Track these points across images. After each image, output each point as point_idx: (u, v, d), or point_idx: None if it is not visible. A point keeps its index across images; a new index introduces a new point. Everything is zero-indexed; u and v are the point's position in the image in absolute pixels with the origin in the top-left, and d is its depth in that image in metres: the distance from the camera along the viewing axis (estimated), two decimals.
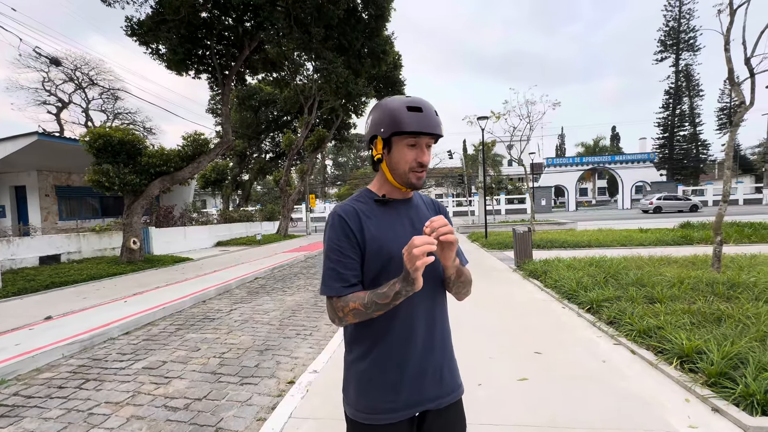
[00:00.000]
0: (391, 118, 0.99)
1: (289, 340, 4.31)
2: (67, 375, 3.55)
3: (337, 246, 1.00)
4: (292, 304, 5.96)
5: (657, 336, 3.36)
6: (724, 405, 2.39)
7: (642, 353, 3.24)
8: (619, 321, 3.87)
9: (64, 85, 27.68)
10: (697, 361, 2.84)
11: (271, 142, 25.42)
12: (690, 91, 44.02)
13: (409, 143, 1.01)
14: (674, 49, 43.64)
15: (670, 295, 4.35)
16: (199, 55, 10.82)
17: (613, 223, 18.41)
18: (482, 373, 3.09)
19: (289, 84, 16.07)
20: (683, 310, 3.83)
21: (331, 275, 0.99)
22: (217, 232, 16.51)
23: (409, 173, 1.02)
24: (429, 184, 58.29)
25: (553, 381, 2.90)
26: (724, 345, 2.89)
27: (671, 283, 4.79)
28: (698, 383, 2.66)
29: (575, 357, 3.34)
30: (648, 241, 10.01)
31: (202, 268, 9.37)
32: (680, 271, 5.43)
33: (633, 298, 4.37)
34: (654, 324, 3.53)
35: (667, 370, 2.91)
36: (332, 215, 1.04)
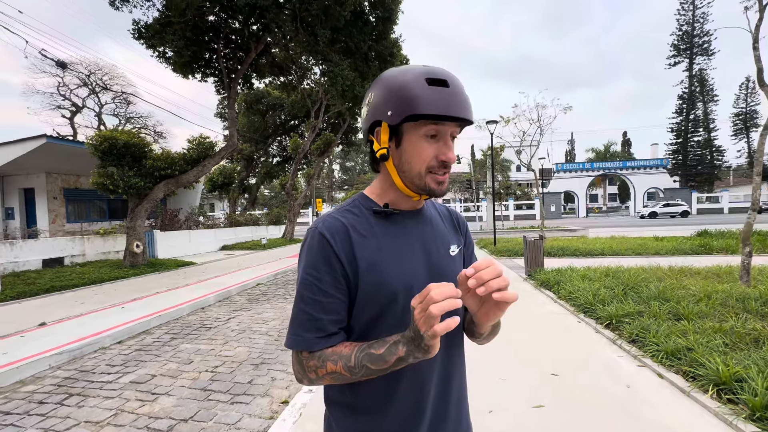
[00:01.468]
0: (403, 95, 0.67)
1: (286, 353, 4.06)
2: (51, 388, 3.35)
3: (314, 278, 0.70)
4: None
5: (687, 359, 3.05)
6: None
7: (671, 378, 2.93)
8: (642, 339, 3.56)
9: (78, 90, 28.18)
10: (737, 391, 2.53)
11: (278, 146, 25.45)
12: (704, 95, 43.11)
13: (428, 132, 0.70)
14: (688, 53, 42.87)
15: (698, 311, 4.01)
16: (205, 58, 10.77)
17: (625, 230, 17.90)
18: (493, 397, 2.81)
19: (297, 88, 16.02)
20: (714, 329, 3.50)
21: (303, 321, 0.70)
22: (222, 235, 16.44)
23: (426, 175, 0.72)
24: None
25: (573, 408, 2.61)
26: (766, 372, 2.57)
27: (697, 298, 4.45)
28: (740, 417, 2.35)
29: (596, 380, 3.03)
30: (665, 250, 9.58)
31: (204, 273, 9.21)
32: (705, 284, 5.07)
33: (656, 314, 4.04)
34: (683, 344, 3.21)
35: (701, 399, 2.60)
36: (311, 232, 0.73)
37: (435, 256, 0.79)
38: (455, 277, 0.78)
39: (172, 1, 8.16)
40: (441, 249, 0.81)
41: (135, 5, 9.11)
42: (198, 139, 11.09)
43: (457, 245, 0.85)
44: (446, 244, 0.83)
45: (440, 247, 0.81)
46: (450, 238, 0.85)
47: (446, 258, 0.81)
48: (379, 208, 0.77)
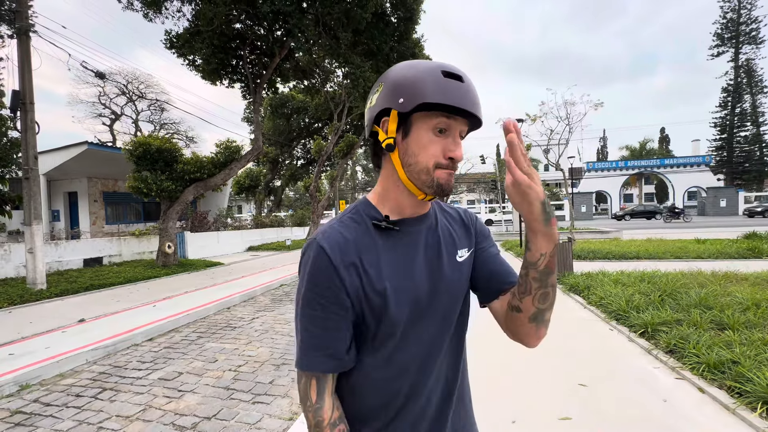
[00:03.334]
0: (418, 82, 0.64)
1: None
2: (87, 382, 3.54)
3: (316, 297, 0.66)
4: None
5: (732, 372, 2.80)
6: None
7: (713, 393, 2.71)
8: (681, 350, 3.32)
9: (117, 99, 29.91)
10: None
11: (303, 148, 25.93)
12: (752, 87, 40.12)
13: (438, 126, 0.67)
14: (733, 42, 40.06)
15: (745, 321, 3.70)
16: (232, 64, 11.13)
17: (663, 232, 16.92)
18: (517, 406, 2.70)
19: (320, 91, 16.25)
20: (764, 341, 3.21)
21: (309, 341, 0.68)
22: (249, 237, 16.91)
23: (434, 170, 0.67)
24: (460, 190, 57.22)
25: (603, 423, 2.46)
26: None
27: (744, 306, 4.11)
28: None
29: (629, 392, 2.85)
30: (707, 254, 8.97)
31: (231, 273, 9.49)
32: (754, 291, 4.68)
33: (697, 323, 3.76)
34: (727, 357, 2.96)
35: (749, 417, 2.38)
36: (311, 249, 0.68)
37: (439, 265, 0.75)
38: (460, 286, 0.78)
39: (201, 11, 8.48)
40: (446, 256, 0.77)
41: (167, 17, 9.54)
42: (225, 143, 11.47)
43: (468, 249, 0.81)
44: (453, 250, 0.79)
45: (445, 254, 0.77)
46: (459, 242, 0.80)
47: (451, 265, 0.77)
48: (379, 222, 0.72)
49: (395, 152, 0.70)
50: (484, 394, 2.80)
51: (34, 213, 7.34)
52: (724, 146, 41.27)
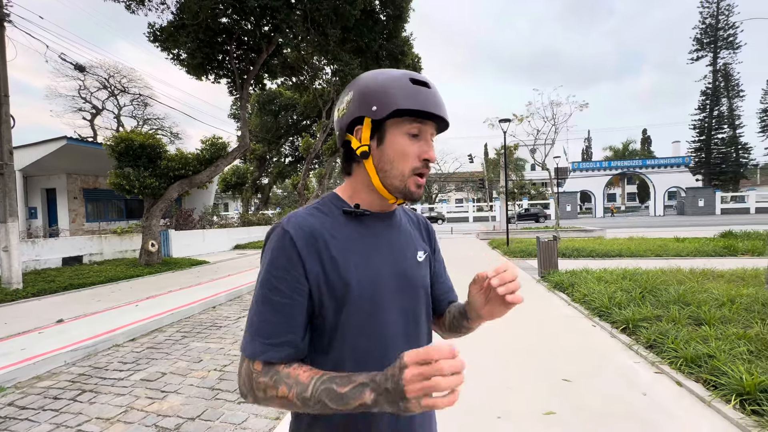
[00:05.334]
0: (389, 90, 0.67)
1: None
2: (66, 384, 3.43)
3: (277, 281, 0.65)
4: None
5: (708, 366, 2.90)
6: None
7: (690, 386, 2.80)
8: (660, 345, 3.42)
9: (99, 93, 29.03)
10: (762, 401, 2.39)
11: (291, 146, 25.67)
12: (729, 91, 41.52)
13: (411, 131, 0.69)
14: (711, 47, 41.35)
15: (720, 316, 3.84)
16: (218, 59, 10.92)
17: (645, 231, 17.38)
18: (502, 402, 2.74)
19: (308, 88, 16.11)
20: (738, 336, 3.34)
21: (262, 329, 0.64)
22: (235, 235, 16.67)
23: (409, 177, 0.70)
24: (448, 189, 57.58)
25: (586, 417, 2.52)
26: None
27: (720, 302, 4.26)
28: (765, 429, 2.22)
29: (610, 387, 2.92)
30: (686, 252, 9.25)
31: (217, 272, 9.35)
32: (729, 288, 4.85)
33: (676, 319, 3.88)
34: (704, 351, 3.07)
35: (724, 410, 2.47)
36: (278, 234, 0.67)
37: (402, 260, 0.77)
38: (421, 283, 0.80)
39: (186, 3, 8.29)
40: (408, 254, 0.79)
41: (150, 8, 9.30)
42: (211, 139, 11.26)
43: (424, 252, 0.84)
44: (414, 249, 0.81)
45: (408, 251, 0.79)
46: (417, 243, 0.84)
47: (413, 262, 0.79)
48: (350, 209, 0.74)
49: (369, 159, 0.71)
50: (469, 391, 2.82)
51: (10, 210, 7.08)
52: (702, 148, 42.60)
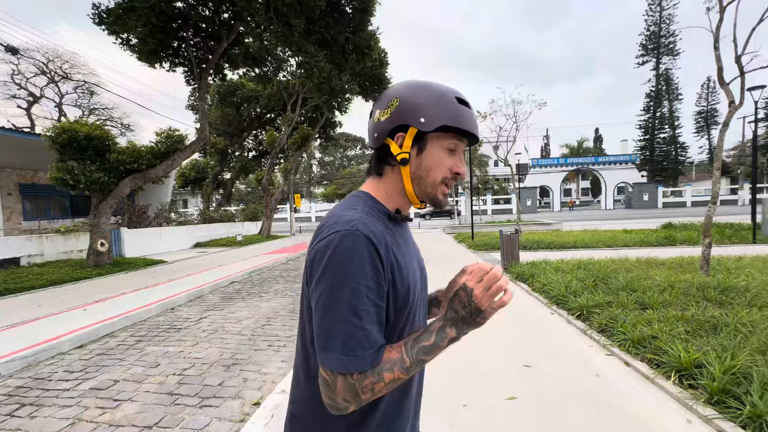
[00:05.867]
0: (440, 106, 0.72)
1: (260, 353, 3.95)
2: (1, 398, 3.12)
3: (368, 291, 0.63)
4: (267, 311, 5.59)
5: (652, 346, 3.16)
6: (731, 428, 2.18)
7: (637, 365, 3.03)
8: (611, 329, 3.67)
9: (36, 79, 26.40)
10: (697, 376, 2.64)
11: (254, 140, 24.80)
12: (669, 94, 45.14)
13: (449, 146, 0.75)
14: (655, 53, 44.68)
15: (662, 300, 4.18)
16: (173, 46, 10.26)
17: (597, 223, 18.56)
18: (468, 390, 2.82)
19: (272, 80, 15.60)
20: (677, 317, 3.65)
21: (362, 340, 0.62)
22: (195, 232, 15.90)
23: (439, 186, 0.76)
24: None
25: (545, 399, 2.65)
26: (724, 358, 2.70)
27: (662, 288, 4.64)
28: (700, 401, 2.45)
29: (567, 370, 3.10)
30: (633, 242, 9.99)
31: (175, 272, 8.87)
32: (669, 275, 5.30)
33: (624, 304, 4.18)
34: (648, 333, 3.33)
35: (665, 385, 2.70)
36: (353, 238, 0.64)
37: (421, 260, 0.86)
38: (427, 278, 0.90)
39: None
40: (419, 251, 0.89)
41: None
42: (167, 131, 10.60)
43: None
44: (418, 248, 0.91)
45: (418, 248, 0.90)
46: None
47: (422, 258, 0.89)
48: (393, 214, 0.78)
49: (407, 166, 0.75)
50: (436, 381, 2.88)
51: None
52: (646, 146, 46.12)
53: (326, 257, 0.64)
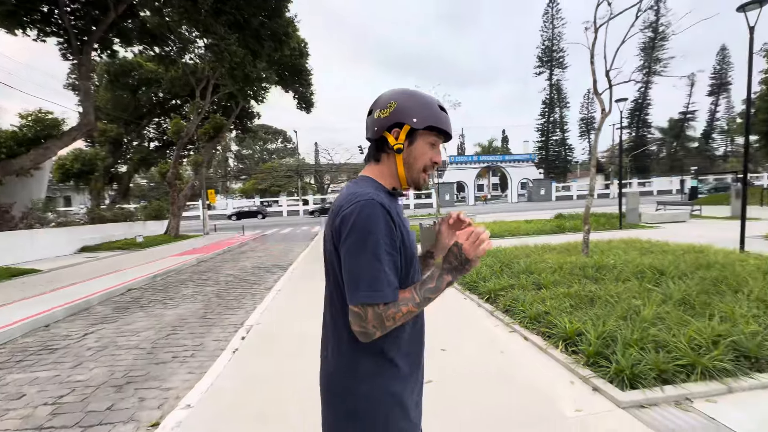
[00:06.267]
0: (429, 110, 0.96)
1: (162, 367, 3.52)
2: None
3: (385, 243, 0.86)
4: (173, 320, 5.01)
5: (545, 321, 3.59)
6: (602, 383, 2.58)
7: (534, 339, 3.42)
8: (513, 309, 4.08)
9: None
10: (579, 343, 3.07)
11: (156, 128, 21.99)
12: (560, 102, 52.05)
13: (431, 141, 0.98)
14: (549, 65, 50.99)
15: (553, 280, 4.79)
16: (42, 11, 8.49)
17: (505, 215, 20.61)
18: None
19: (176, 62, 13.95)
20: (564, 294, 4.21)
21: (380, 278, 0.84)
22: (82, 235, 13.56)
23: (422, 172, 0.99)
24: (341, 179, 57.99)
25: (457, 380, 2.83)
26: (597, 325, 3.18)
27: (553, 269, 5.32)
28: (580, 364, 2.85)
29: (478, 350, 3.36)
30: (532, 231, 11.31)
31: (51, 282, 7.44)
32: (559, 258, 6.11)
33: (524, 286, 4.69)
34: (542, 309, 3.78)
35: (554, 354, 3.09)
36: (372, 205, 0.86)
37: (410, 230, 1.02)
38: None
39: None
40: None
41: None
42: (36, 114, 8.79)
43: None
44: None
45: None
46: None
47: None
48: (391, 191, 1.00)
49: (401, 155, 0.96)
50: None
51: None
52: (543, 147, 52.60)
53: (352, 220, 0.85)
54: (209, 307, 5.53)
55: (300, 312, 4.82)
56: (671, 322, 3.22)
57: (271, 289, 6.33)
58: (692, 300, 3.75)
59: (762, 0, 6.21)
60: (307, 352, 3.55)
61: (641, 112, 50.47)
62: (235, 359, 3.46)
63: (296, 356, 3.45)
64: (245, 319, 4.73)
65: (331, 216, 0.92)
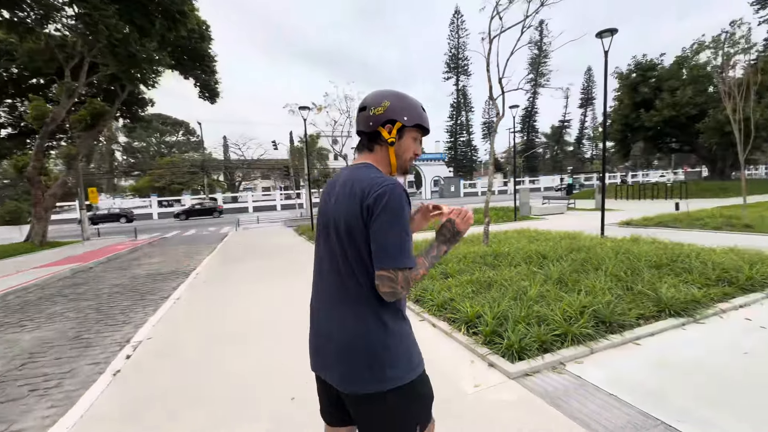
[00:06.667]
0: (416, 111, 1.17)
1: (10, 406, 2.84)
2: None
3: (407, 220, 1.05)
4: (31, 344, 4.10)
5: (451, 307, 3.85)
6: (496, 359, 2.86)
7: (441, 325, 3.64)
8: (423, 298, 4.29)
9: None
10: (479, 325, 3.35)
11: (10, 112, 17.81)
12: (466, 106, 56.80)
13: (415, 137, 1.20)
14: (456, 71, 55.17)
15: (458, 269, 5.18)
16: None
17: None
18: (251, 392, 2.76)
19: (35, 31, 11.40)
20: (468, 281, 4.58)
21: (410, 248, 1.04)
22: None
23: (409, 161, 1.21)
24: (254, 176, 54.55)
25: None
26: (493, 307, 3.52)
27: (458, 259, 5.75)
28: (479, 344, 3.12)
29: None
30: None
31: None
32: (464, 248, 6.64)
33: (433, 276, 4.97)
34: (448, 297, 4.05)
35: (458, 337, 3.32)
36: (400, 189, 1.05)
37: None
38: None
39: None
40: None
41: None
42: None
43: None
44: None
45: None
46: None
47: None
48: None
49: (393, 147, 1.17)
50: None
51: None
52: (452, 147, 56.83)
53: (385, 200, 1.02)
54: (85, 325, 4.67)
55: (203, 320, 4.37)
56: (550, 298, 3.74)
57: (168, 298, 5.62)
58: (566, 278, 4.40)
59: (613, 30, 7.59)
60: (212, 358, 3.22)
61: (530, 119, 58.02)
62: (116, 382, 2.97)
63: (197, 367, 3.11)
64: (133, 335, 4.10)
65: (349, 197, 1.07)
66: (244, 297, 5.29)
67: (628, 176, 50.87)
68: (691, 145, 25.75)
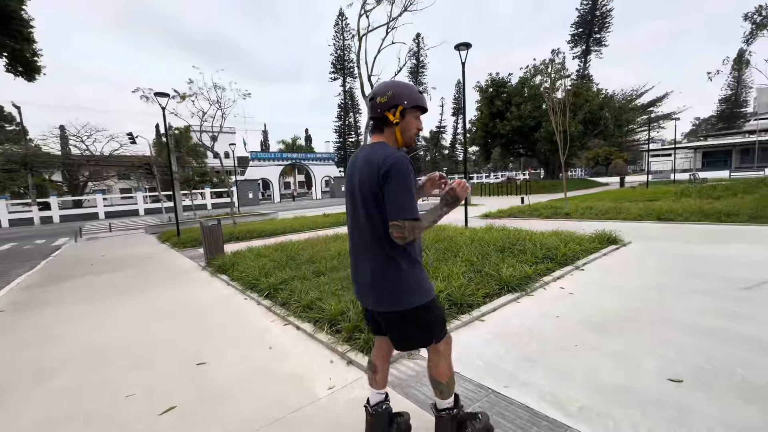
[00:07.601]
0: (414, 94, 1.54)
1: None
2: None
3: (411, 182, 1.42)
4: None
5: (317, 307, 3.66)
6: (354, 355, 2.79)
7: (305, 327, 3.42)
8: (290, 301, 4.01)
9: None
10: (341, 322, 3.25)
11: None
12: (353, 108, 57.95)
13: (417, 115, 1.58)
14: (342, 72, 55.74)
15: (332, 266, 5.05)
16: None
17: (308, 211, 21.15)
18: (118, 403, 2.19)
19: None
20: (340, 278, 4.48)
21: (415, 205, 1.42)
22: None
23: (413, 136, 1.58)
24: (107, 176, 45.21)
25: (210, 396, 2.45)
26: (357, 303, 3.47)
27: (333, 256, 5.63)
28: (340, 341, 3.01)
29: (244, 353, 3.07)
30: (328, 224, 11.94)
31: None
32: (341, 245, 6.57)
33: (304, 276, 4.73)
34: (315, 296, 3.86)
35: (320, 337, 3.16)
36: (403, 159, 1.42)
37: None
38: None
39: None
40: None
41: None
42: None
43: None
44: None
45: None
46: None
47: None
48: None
49: (398, 126, 1.55)
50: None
51: None
52: (341, 147, 57.33)
53: (396, 168, 1.40)
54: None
55: None
56: None
57: None
58: (429, 267, 4.69)
59: (468, 45, 8.55)
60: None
61: None
62: None
63: None
64: None
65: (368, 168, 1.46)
66: (63, 324, 4.13)
67: (491, 176, 59.55)
68: (533, 150, 31.42)
